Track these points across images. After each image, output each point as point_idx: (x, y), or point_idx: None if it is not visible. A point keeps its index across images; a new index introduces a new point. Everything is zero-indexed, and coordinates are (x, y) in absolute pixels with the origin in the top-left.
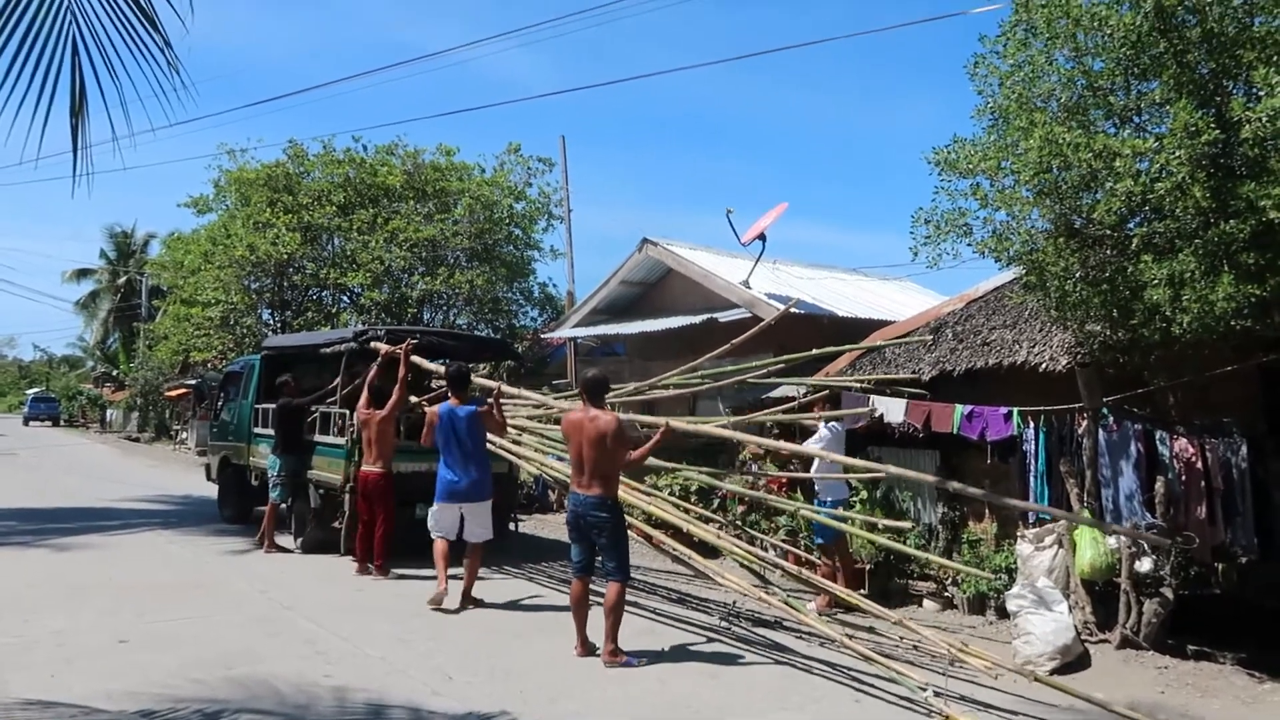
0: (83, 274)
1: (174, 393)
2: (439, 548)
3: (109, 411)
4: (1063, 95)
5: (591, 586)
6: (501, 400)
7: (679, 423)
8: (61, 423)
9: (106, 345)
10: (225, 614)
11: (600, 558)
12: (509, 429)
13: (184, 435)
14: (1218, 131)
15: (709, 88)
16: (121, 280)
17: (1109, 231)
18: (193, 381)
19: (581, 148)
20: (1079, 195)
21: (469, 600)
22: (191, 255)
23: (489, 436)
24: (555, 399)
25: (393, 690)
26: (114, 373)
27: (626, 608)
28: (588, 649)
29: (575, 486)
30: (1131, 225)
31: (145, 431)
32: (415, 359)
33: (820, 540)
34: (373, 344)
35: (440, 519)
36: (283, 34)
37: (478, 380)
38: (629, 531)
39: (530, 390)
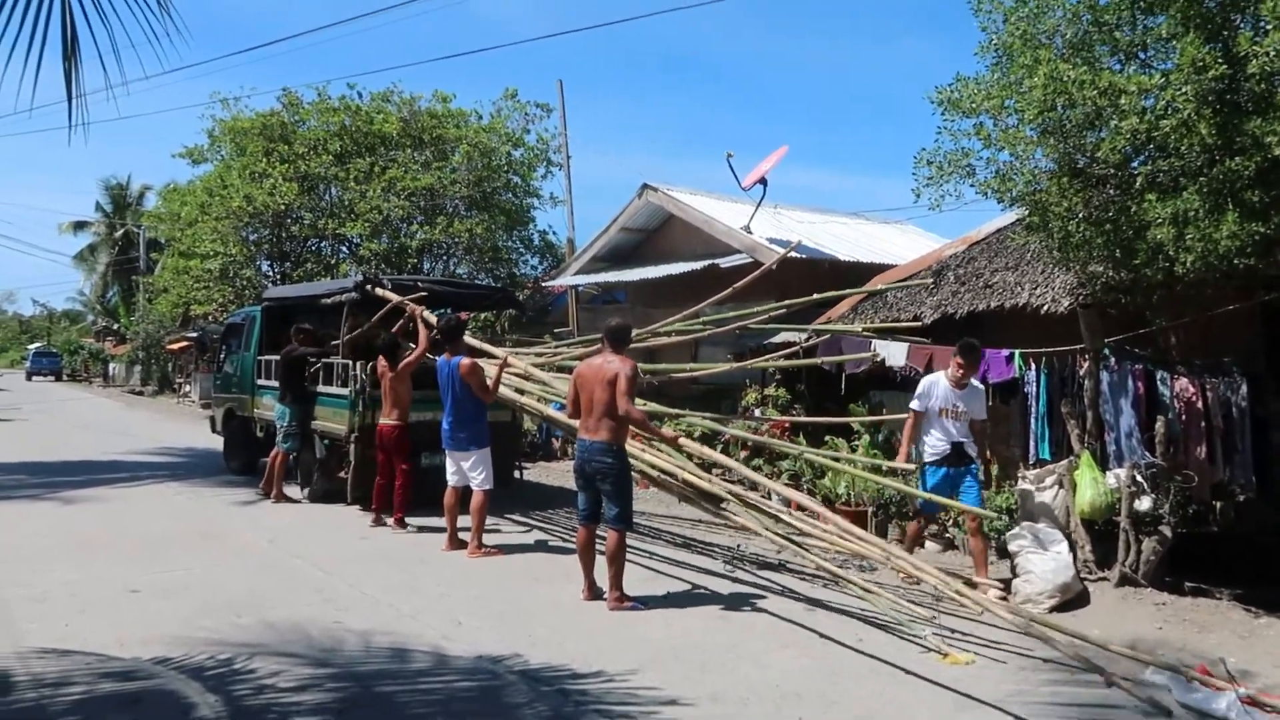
0: (79, 227)
1: (175, 345)
2: (447, 498)
3: (111, 366)
4: (1068, 31)
5: (598, 533)
6: (508, 362)
7: (689, 443)
8: (64, 377)
9: (106, 299)
10: (234, 563)
11: (603, 504)
12: (515, 377)
13: (187, 388)
14: (1225, 67)
15: (707, 30)
16: (119, 233)
17: (1113, 170)
18: (194, 334)
19: (580, 93)
20: (1083, 134)
21: (477, 547)
22: (188, 207)
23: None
24: (559, 346)
25: (403, 634)
26: (115, 326)
27: (631, 554)
28: (594, 593)
29: (582, 432)
30: (1136, 164)
31: (148, 385)
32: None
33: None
34: (379, 292)
35: (449, 465)
36: None
37: (486, 348)
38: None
39: (533, 339)
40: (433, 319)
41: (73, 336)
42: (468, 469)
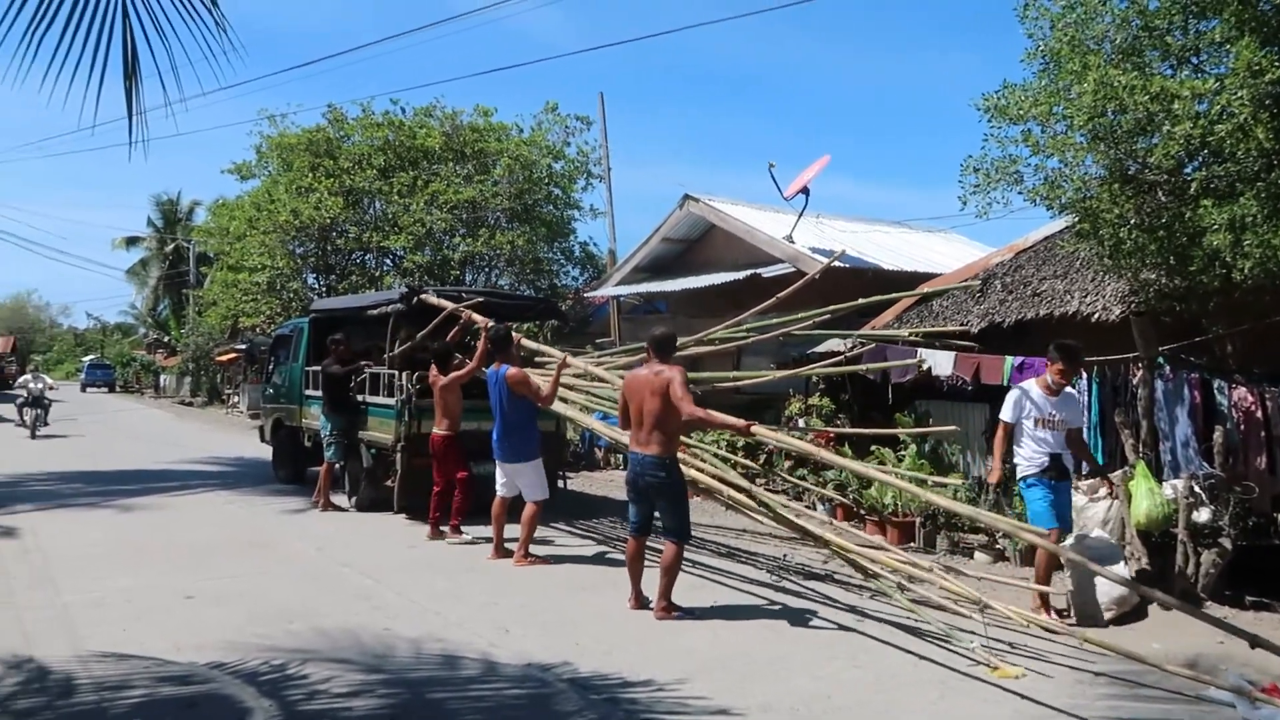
0: (132, 242)
1: (224, 357)
2: (495, 506)
3: (162, 377)
4: (1117, 36)
5: (648, 544)
6: (566, 362)
7: (761, 429)
8: (117, 389)
9: (157, 312)
10: (283, 571)
11: (659, 517)
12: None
13: (235, 399)
14: None
15: (747, 43)
16: (169, 247)
17: (1166, 176)
18: (242, 346)
19: (620, 106)
20: (1134, 139)
21: (523, 556)
22: (236, 221)
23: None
24: (601, 356)
25: (451, 642)
26: (165, 339)
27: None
28: (640, 601)
29: (633, 445)
30: (1189, 169)
31: (198, 396)
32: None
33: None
34: (432, 300)
35: (499, 475)
36: None
37: (544, 349)
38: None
39: (575, 349)
40: (479, 319)
41: (125, 349)
42: (519, 480)
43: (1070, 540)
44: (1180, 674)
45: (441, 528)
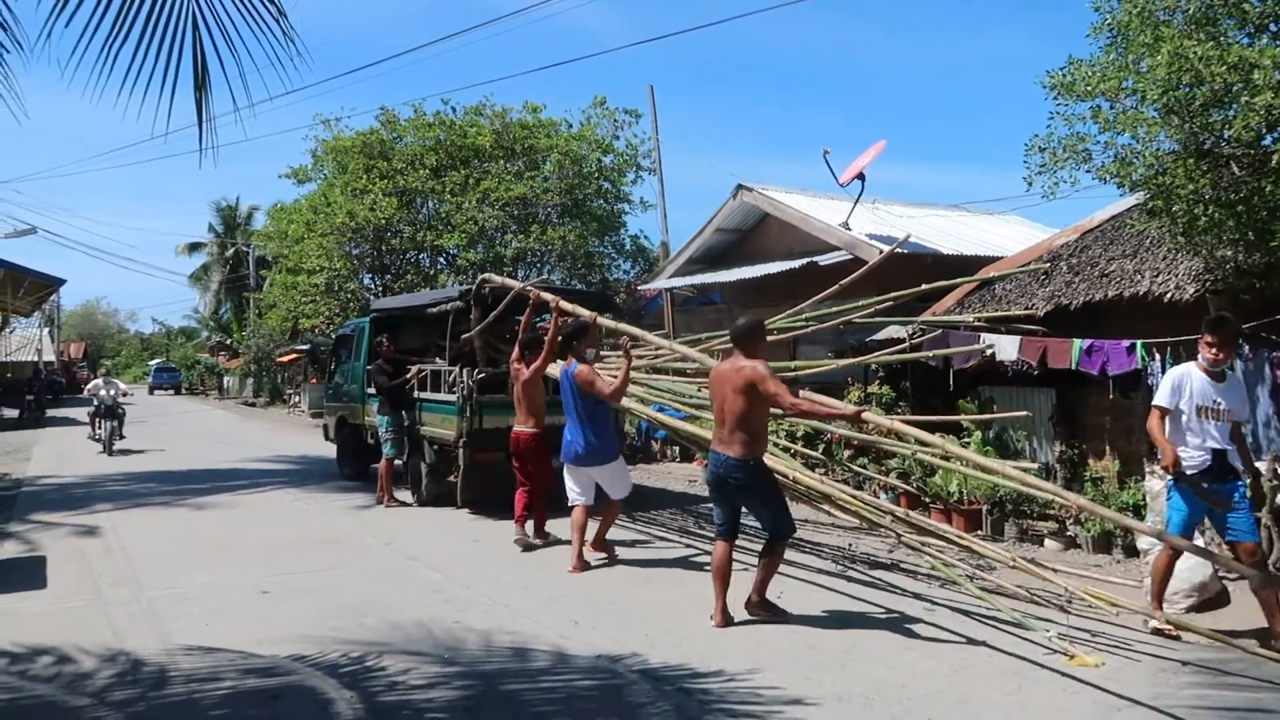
0: (194, 248)
1: (285, 358)
2: (575, 516)
3: (225, 379)
4: (1190, 6)
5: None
6: (632, 351)
7: (873, 415)
8: (183, 391)
9: (219, 315)
10: (354, 565)
11: (756, 518)
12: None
13: (296, 399)
14: None
15: (798, 30)
16: (229, 252)
17: (1244, 149)
18: (303, 347)
19: (670, 97)
20: (1210, 112)
21: (602, 549)
22: (294, 225)
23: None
24: (659, 348)
25: (522, 634)
26: (228, 341)
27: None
28: (726, 619)
29: (715, 443)
30: (1269, 141)
31: (260, 396)
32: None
33: (1232, 536)
34: (498, 280)
35: (570, 483)
36: (367, 1)
37: (620, 326)
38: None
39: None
40: (567, 307)
41: (189, 352)
42: (604, 481)
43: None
44: (1271, 658)
45: (526, 531)
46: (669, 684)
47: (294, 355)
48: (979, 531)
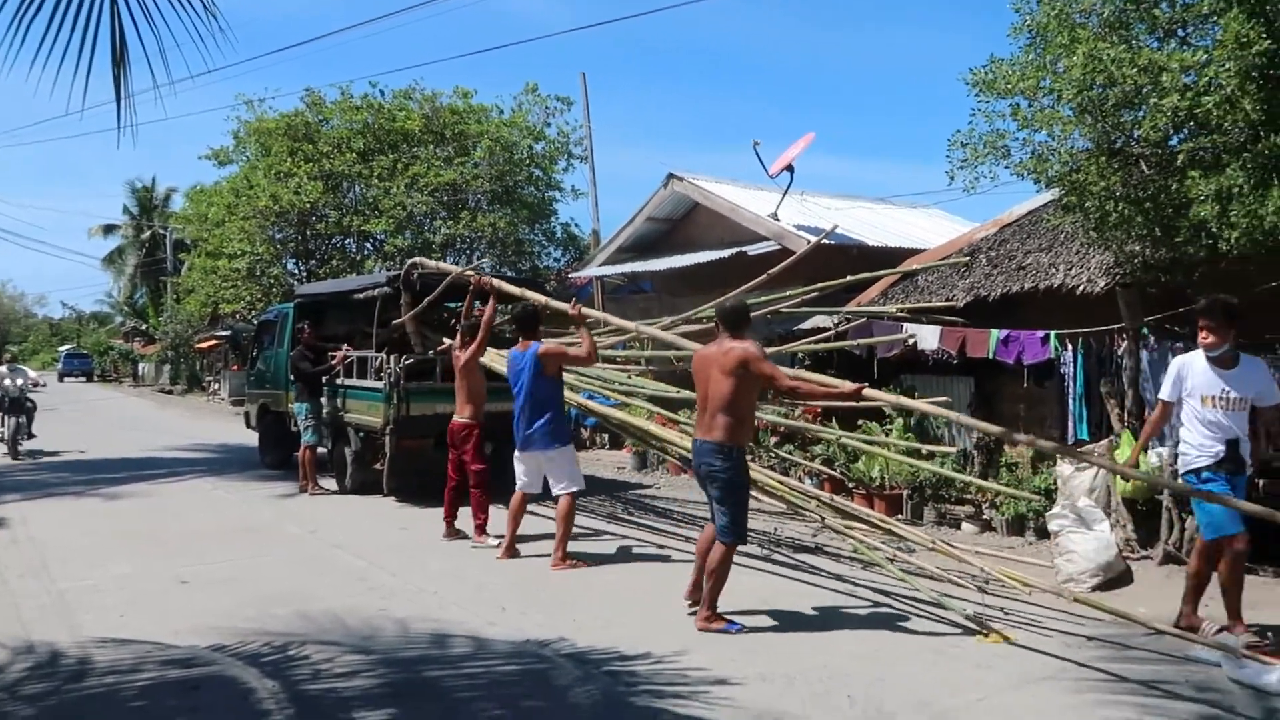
0: (108, 230)
1: (205, 344)
2: (513, 501)
3: (141, 365)
4: (1104, 10)
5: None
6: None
7: (874, 392)
8: (95, 378)
9: (134, 300)
10: (277, 555)
11: (713, 512)
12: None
13: (216, 386)
14: (1269, 42)
15: (730, 21)
16: (146, 235)
17: (1152, 149)
18: (223, 333)
19: (602, 87)
20: (1121, 112)
21: (561, 559)
22: (215, 208)
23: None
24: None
25: (450, 621)
26: (143, 327)
27: (666, 538)
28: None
29: (696, 430)
30: (1175, 141)
31: (178, 384)
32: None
33: (1207, 534)
34: (430, 264)
35: (519, 470)
36: None
37: (550, 302)
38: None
39: (559, 330)
40: (510, 289)
41: (101, 338)
42: (549, 470)
43: (1057, 508)
44: (1170, 632)
45: (458, 526)
46: (596, 667)
47: (214, 341)
48: (900, 515)
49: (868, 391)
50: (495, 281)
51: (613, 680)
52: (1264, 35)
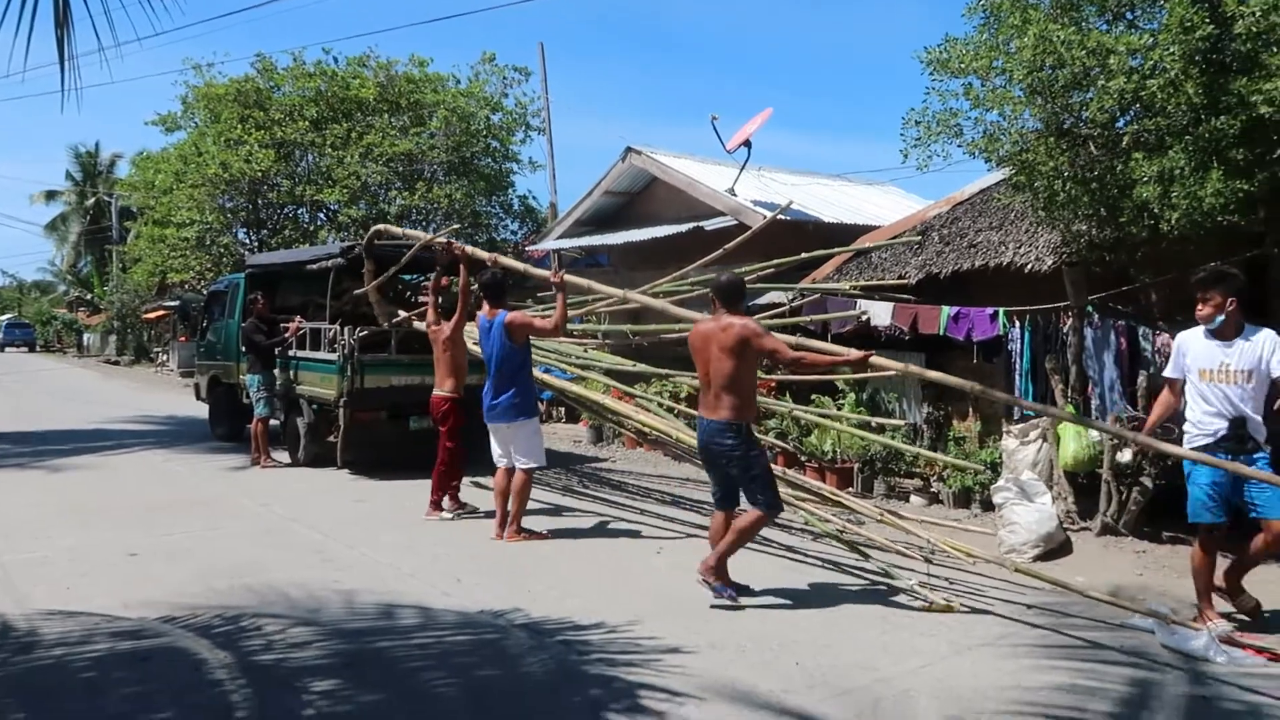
0: (50, 196)
1: (152, 314)
2: (495, 480)
3: (85, 336)
4: None
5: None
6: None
7: (881, 359)
8: (37, 348)
9: (78, 268)
10: (230, 527)
11: (742, 491)
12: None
13: (164, 357)
14: (1212, 27)
15: None
16: (90, 202)
17: (1099, 130)
18: (171, 303)
19: (560, 58)
20: (1070, 94)
21: (516, 531)
22: (162, 175)
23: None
24: (544, 310)
25: (404, 592)
26: (88, 296)
27: (624, 510)
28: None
29: (701, 409)
30: (1122, 123)
31: (124, 354)
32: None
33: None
34: (396, 231)
35: (493, 443)
36: None
37: (529, 269)
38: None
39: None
40: (483, 255)
41: (44, 307)
42: (514, 442)
43: (1002, 481)
44: (1106, 600)
45: (463, 499)
46: (549, 636)
47: (162, 311)
48: (850, 489)
49: (875, 359)
50: (469, 249)
51: (566, 649)
52: (1207, 20)
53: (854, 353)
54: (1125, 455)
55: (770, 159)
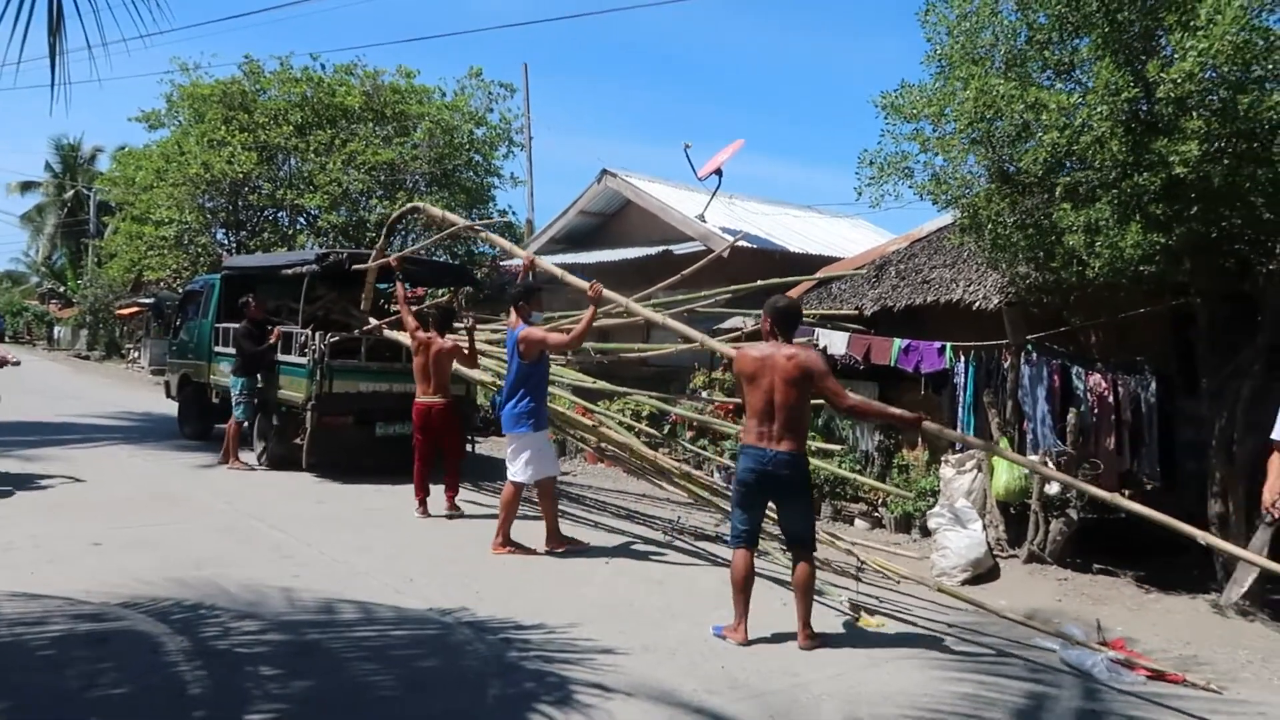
0: (27, 187)
1: (126, 311)
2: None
3: (56, 329)
4: (1004, 47)
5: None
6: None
7: (932, 424)
8: (6, 339)
9: (53, 261)
10: (193, 522)
11: (781, 523)
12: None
13: (136, 354)
14: (1137, 90)
15: (673, 20)
16: (68, 194)
17: (1037, 179)
18: (146, 300)
19: (543, 76)
20: (1012, 144)
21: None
22: (144, 172)
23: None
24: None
25: (357, 589)
26: (61, 289)
27: (576, 522)
28: (747, 637)
29: (757, 440)
30: (1058, 174)
31: (95, 350)
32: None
33: None
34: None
35: (506, 453)
36: None
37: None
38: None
39: (490, 316)
40: (552, 269)
41: (15, 298)
42: (520, 454)
43: (938, 508)
44: (1020, 622)
45: (427, 504)
46: (492, 633)
47: (136, 308)
48: None
49: (927, 425)
50: (539, 260)
51: (506, 645)
52: (1132, 83)
53: (909, 415)
54: (1053, 487)
55: (748, 185)
